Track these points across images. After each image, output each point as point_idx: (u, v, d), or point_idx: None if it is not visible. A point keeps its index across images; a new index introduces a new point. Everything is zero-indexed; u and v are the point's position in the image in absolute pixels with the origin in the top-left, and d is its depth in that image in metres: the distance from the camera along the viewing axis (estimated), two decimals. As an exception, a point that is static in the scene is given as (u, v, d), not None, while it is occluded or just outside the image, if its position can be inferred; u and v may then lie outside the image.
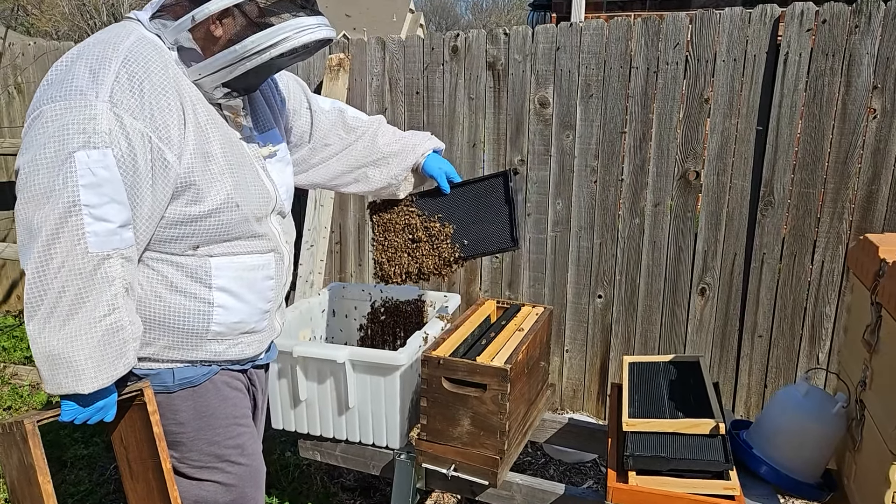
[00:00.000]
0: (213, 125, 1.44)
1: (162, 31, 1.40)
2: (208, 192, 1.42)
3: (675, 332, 2.99)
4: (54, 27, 18.08)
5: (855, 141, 2.58)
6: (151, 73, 1.34)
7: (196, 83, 1.42)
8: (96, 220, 1.27)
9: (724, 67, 2.71)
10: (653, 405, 1.85)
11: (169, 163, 1.35)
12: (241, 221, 1.49)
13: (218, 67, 1.38)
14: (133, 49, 1.34)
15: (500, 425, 1.80)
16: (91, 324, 1.29)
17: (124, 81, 1.30)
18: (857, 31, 2.51)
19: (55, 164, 1.26)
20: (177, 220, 1.41)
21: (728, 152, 2.77)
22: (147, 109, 1.32)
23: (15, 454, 1.40)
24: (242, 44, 1.35)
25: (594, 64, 2.89)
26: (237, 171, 1.48)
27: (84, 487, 2.65)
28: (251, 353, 1.61)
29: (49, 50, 3.95)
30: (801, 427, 1.74)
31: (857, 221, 2.64)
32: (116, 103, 1.29)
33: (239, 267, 1.52)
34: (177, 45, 1.40)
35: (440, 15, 41.87)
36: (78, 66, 1.31)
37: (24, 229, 1.29)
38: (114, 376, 1.34)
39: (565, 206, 3.06)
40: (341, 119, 1.94)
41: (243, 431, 1.63)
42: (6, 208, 4.27)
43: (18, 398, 3.34)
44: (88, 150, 1.26)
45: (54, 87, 1.30)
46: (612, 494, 1.66)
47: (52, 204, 1.25)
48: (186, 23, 1.36)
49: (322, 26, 1.40)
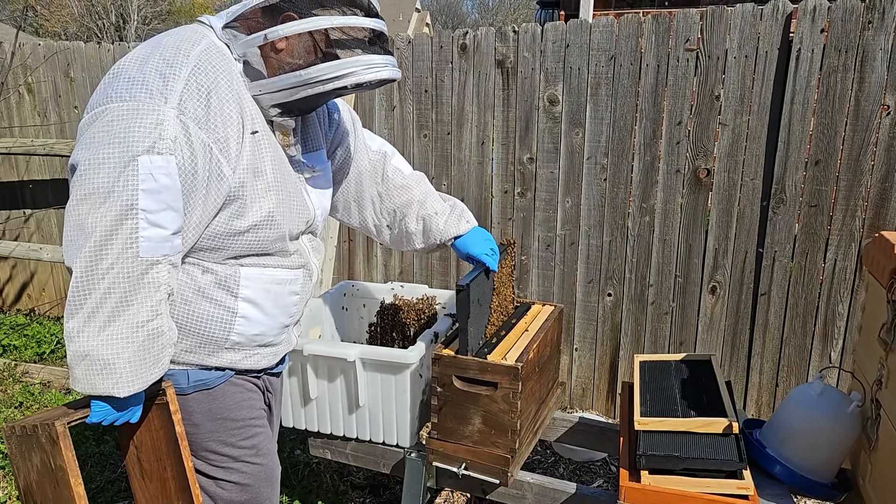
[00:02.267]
0: (267, 141, 1.44)
1: (232, 42, 1.39)
2: (251, 207, 1.42)
3: (686, 330, 2.98)
4: (63, 27, 18.18)
5: (868, 138, 2.56)
6: (219, 84, 1.33)
7: (255, 98, 1.42)
8: (151, 226, 1.27)
9: (736, 64, 2.69)
10: (665, 404, 1.83)
11: (224, 175, 1.35)
12: (277, 239, 1.49)
13: (279, 88, 1.38)
14: (203, 57, 1.33)
15: (512, 424, 1.79)
16: (134, 328, 1.29)
17: (193, 90, 1.30)
18: (871, 27, 2.49)
19: (118, 165, 1.25)
20: (218, 231, 1.41)
21: (739, 149, 2.75)
22: (212, 120, 1.32)
23: (37, 456, 1.39)
24: (308, 70, 1.34)
25: (604, 61, 2.87)
26: (282, 188, 1.48)
27: (95, 485, 2.66)
28: (265, 364, 1.61)
29: (59, 50, 3.96)
30: (815, 426, 1.72)
31: (870, 219, 2.62)
32: (184, 111, 1.28)
33: (268, 279, 1.52)
34: (243, 58, 1.39)
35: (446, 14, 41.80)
36: (149, 67, 1.30)
37: (76, 226, 1.27)
38: (149, 381, 1.34)
39: (574, 204, 3.05)
40: (381, 165, 1.91)
41: (258, 432, 1.63)
42: (15, 207, 4.30)
43: (29, 395, 3.36)
44: (152, 156, 1.25)
45: (122, 85, 1.29)
46: (624, 494, 1.65)
47: (109, 204, 1.25)
48: (258, 40, 1.35)
49: (389, 66, 1.39)
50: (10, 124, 4.15)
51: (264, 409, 1.68)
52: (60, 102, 4.05)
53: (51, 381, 3.59)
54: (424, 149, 3.29)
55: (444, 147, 3.25)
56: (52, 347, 3.93)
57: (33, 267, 4.40)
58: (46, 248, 3.69)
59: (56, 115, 4.06)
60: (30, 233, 4.32)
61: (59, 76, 4.00)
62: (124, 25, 19.78)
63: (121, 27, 19.77)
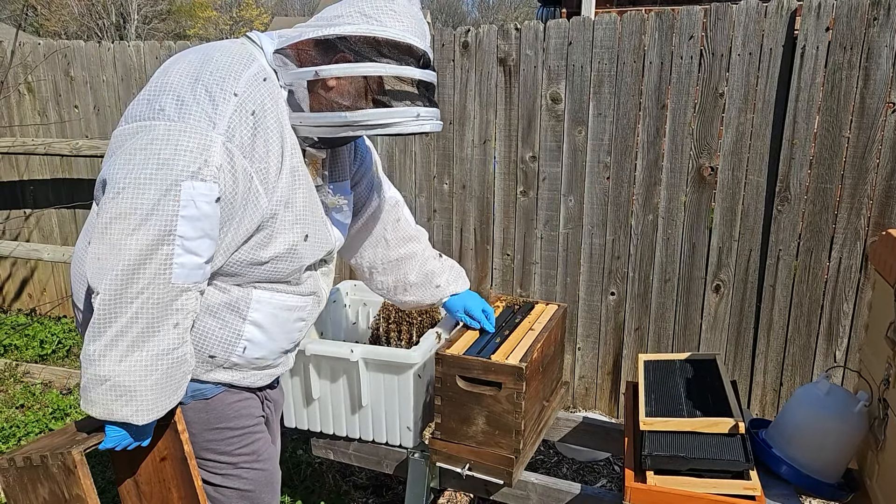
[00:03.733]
0: (301, 172, 1.42)
1: (281, 69, 1.36)
2: (277, 238, 1.40)
3: (689, 329, 2.96)
4: (63, 27, 18.17)
5: (873, 135, 2.54)
6: (266, 113, 1.31)
7: (294, 127, 1.39)
8: (186, 253, 1.24)
9: (740, 61, 2.67)
10: (670, 404, 1.82)
11: (260, 205, 1.33)
12: (294, 271, 1.48)
13: (322, 124, 1.36)
14: (254, 82, 1.31)
15: (516, 424, 1.78)
16: (159, 356, 1.26)
17: (242, 117, 1.27)
18: (876, 24, 2.47)
19: (160, 188, 1.20)
20: (241, 260, 1.39)
21: (743, 147, 2.73)
22: (257, 150, 1.30)
23: (44, 488, 1.33)
24: (355, 114, 1.32)
25: (607, 59, 2.86)
26: (309, 221, 1.46)
27: (97, 485, 2.64)
28: (260, 384, 1.59)
29: (59, 48, 3.95)
30: (822, 426, 1.71)
31: (875, 217, 2.60)
32: (231, 138, 1.26)
33: (277, 304, 1.50)
34: (289, 87, 1.37)
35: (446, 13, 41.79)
36: (199, 86, 1.26)
37: (109, 245, 1.21)
38: (167, 409, 1.32)
39: (577, 203, 3.03)
40: (395, 211, 1.91)
41: (257, 438, 1.61)
42: (16, 206, 4.29)
43: (31, 396, 3.35)
44: (196, 182, 1.22)
45: (170, 103, 1.25)
46: (629, 494, 1.64)
47: (147, 228, 1.20)
48: (308, 74, 1.33)
49: (434, 119, 1.38)
50: (10, 123, 4.14)
51: (263, 416, 1.65)
52: (60, 101, 4.03)
53: (52, 382, 3.58)
54: (426, 147, 3.28)
55: (446, 146, 3.24)
56: (53, 347, 3.92)
57: (33, 265, 4.39)
58: (47, 247, 3.68)
59: (56, 115, 4.05)
60: (29, 232, 4.31)
61: (59, 75, 3.99)
62: (125, 24, 19.78)
63: (121, 26, 19.77)
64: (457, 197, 3.27)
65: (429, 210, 3.34)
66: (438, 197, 3.31)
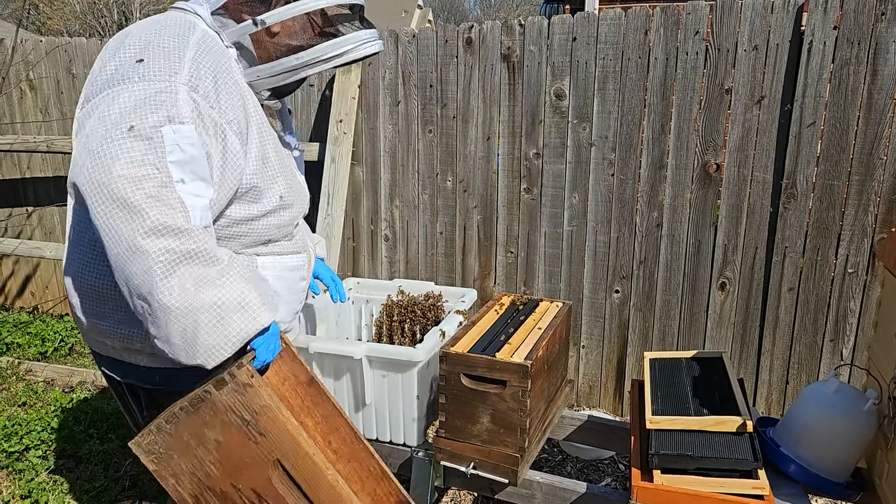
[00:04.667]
0: (266, 126, 1.43)
1: (222, 30, 1.37)
2: (266, 192, 1.42)
3: (695, 327, 2.94)
4: (65, 25, 18.16)
5: (881, 131, 2.52)
6: (222, 72, 1.31)
7: (250, 83, 1.40)
8: (191, 196, 1.22)
9: (746, 57, 2.65)
10: (676, 402, 1.80)
11: (239, 158, 1.33)
12: (288, 222, 1.51)
13: (279, 72, 1.38)
14: (203, 43, 1.30)
15: (521, 422, 1.76)
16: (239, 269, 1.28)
17: (202, 70, 1.26)
18: (884, 19, 2.44)
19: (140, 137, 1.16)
20: (237, 218, 1.40)
21: (749, 144, 2.71)
22: (222, 103, 1.29)
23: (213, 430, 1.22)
24: (308, 52, 1.35)
25: (612, 55, 2.83)
26: (287, 172, 1.49)
27: (99, 483, 2.64)
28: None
29: (60, 45, 3.94)
30: (830, 424, 1.69)
31: (882, 214, 2.58)
32: (195, 88, 1.24)
33: (282, 267, 1.54)
34: (236, 45, 1.38)
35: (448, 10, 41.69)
36: (150, 52, 1.24)
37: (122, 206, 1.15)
38: (276, 307, 1.43)
39: (582, 200, 3.01)
40: None
41: None
42: (18, 204, 4.28)
43: (33, 394, 3.34)
44: (175, 126, 1.19)
45: (126, 71, 1.22)
46: (636, 493, 1.62)
47: (145, 182, 1.15)
48: (252, 27, 1.34)
49: (377, 40, 1.43)
50: (11, 121, 4.13)
51: None
52: (62, 99, 4.02)
53: (54, 380, 3.57)
54: (429, 144, 3.26)
55: (450, 142, 3.22)
56: (55, 345, 3.91)
57: (36, 263, 4.38)
58: (49, 245, 3.67)
59: (58, 112, 4.04)
60: (31, 229, 4.30)
61: (60, 72, 3.97)
62: (126, 23, 19.77)
63: (123, 25, 19.75)
64: (460, 194, 3.25)
65: (432, 207, 3.32)
66: (442, 194, 3.29)
